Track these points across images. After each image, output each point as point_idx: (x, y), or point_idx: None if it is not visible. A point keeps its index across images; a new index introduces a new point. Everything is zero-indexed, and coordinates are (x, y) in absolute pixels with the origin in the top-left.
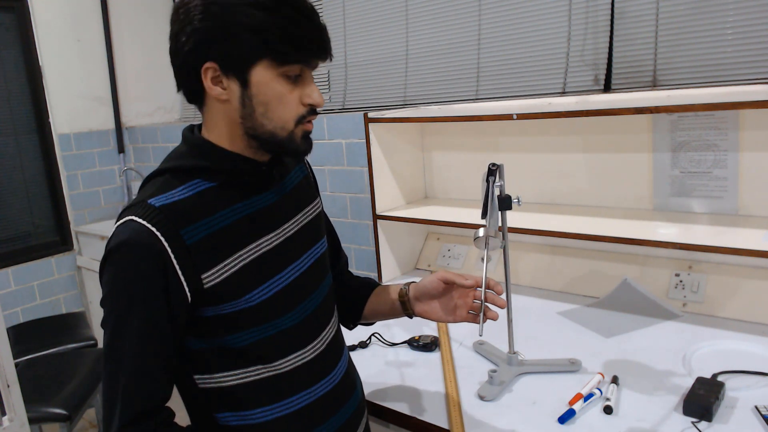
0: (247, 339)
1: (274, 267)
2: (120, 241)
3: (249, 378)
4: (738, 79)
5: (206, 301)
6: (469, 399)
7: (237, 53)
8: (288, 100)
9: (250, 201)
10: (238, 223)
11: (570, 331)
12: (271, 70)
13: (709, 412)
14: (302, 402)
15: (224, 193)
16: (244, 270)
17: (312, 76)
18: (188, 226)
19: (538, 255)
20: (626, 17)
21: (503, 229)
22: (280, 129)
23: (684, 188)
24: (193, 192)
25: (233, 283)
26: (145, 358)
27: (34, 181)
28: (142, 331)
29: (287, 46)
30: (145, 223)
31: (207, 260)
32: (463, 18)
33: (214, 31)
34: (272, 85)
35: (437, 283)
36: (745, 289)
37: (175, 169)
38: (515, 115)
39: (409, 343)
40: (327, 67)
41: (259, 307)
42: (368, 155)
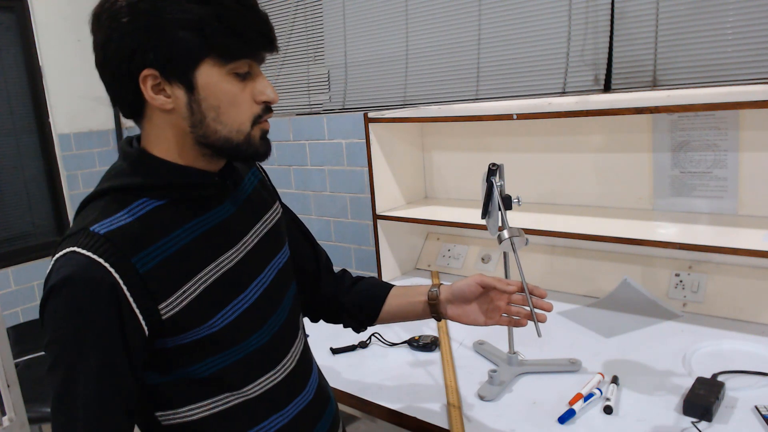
0: (212, 367)
1: (237, 286)
2: (63, 277)
3: (217, 408)
4: (738, 79)
5: (165, 332)
6: (469, 399)
7: (177, 55)
8: (241, 100)
9: (205, 217)
10: (195, 243)
11: (570, 331)
12: (218, 68)
13: (709, 412)
14: (276, 425)
15: (175, 212)
16: (205, 294)
17: (261, 71)
18: (140, 253)
19: (538, 255)
20: (626, 17)
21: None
22: (236, 133)
23: (684, 188)
24: (140, 213)
25: (194, 310)
26: (105, 403)
27: (34, 181)
28: (99, 374)
29: (231, 39)
30: (90, 254)
31: (164, 288)
32: (463, 18)
33: (147, 32)
34: (221, 86)
35: (475, 287)
36: (745, 289)
37: (118, 189)
38: (515, 115)
39: (409, 343)
40: (327, 67)
41: (223, 331)
42: (368, 155)
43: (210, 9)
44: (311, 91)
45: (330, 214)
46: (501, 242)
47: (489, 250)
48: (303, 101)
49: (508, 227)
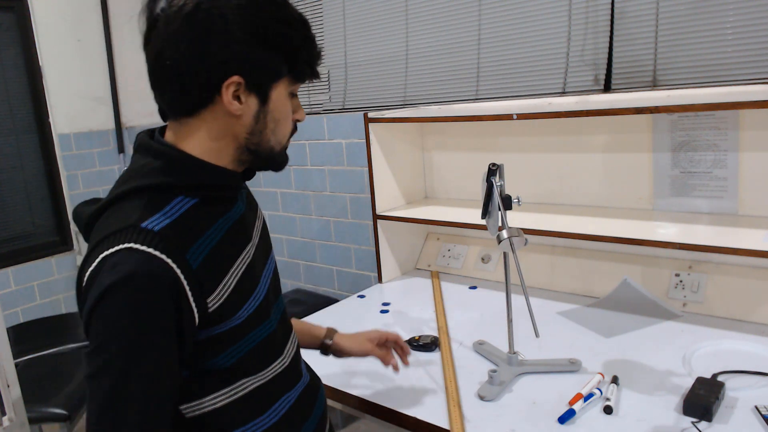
0: (234, 356)
1: (255, 277)
2: (124, 275)
3: (238, 394)
4: (738, 79)
5: (207, 324)
6: (469, 399)
7: (264, 70)
8: (289, 117)
9: (229, 214)
10: (226, 238)
11: (570, 331)
12: (287, 88)
13: (709, 412)
14: (285, 407)
15: (206, 209)
16: (238, 286)
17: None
18: (191, 248)
19: (538, 255)
20: (626, 17)
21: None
22: (278, 144)
23: (684, 188)
24: (181, 211)
25: (231, 302)
26: (161, 405)
27: (34, 181)
28: (158, 371)
29: (306, 66)
30: (150, 250)
31: (210, 282)
32: (463, 18)
33: (252, 45)
34: (285, 103)
35: (363, 353)
36: (745, 289)
37: (155, 188)
38: (515, 115)
39: (409, 343)
40: (327, 67)
41: (247, 321)
42: (368, 155)
43: (298, 36)
44: (311, 91)
45: (330, 214)
46: (500, 242)
47: (489, 250)
48: (303, 101)
49: (507, 227)
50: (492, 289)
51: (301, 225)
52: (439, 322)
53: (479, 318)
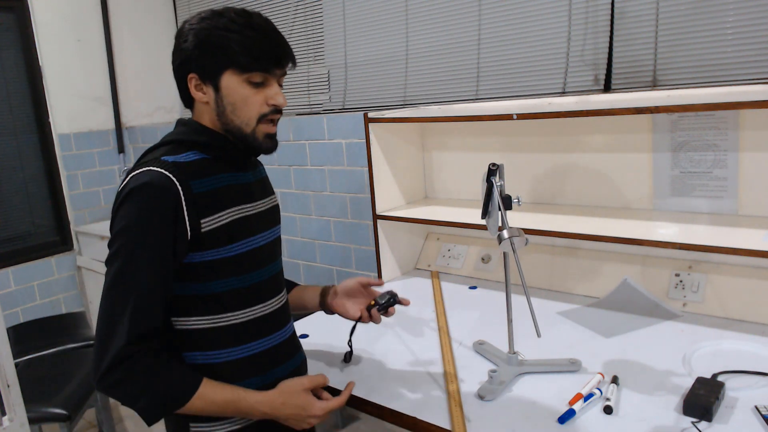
0: (224, 286)
1: (252, 228)
2: (143, 183)
3: (219, 323)
4: (738, 79)
5: (199, 244)
6: (469, 399)
7: (210, 66)
8: (252, 101)
9: (237, 174)
10: (229, 187)
11: (570, 331)
12: (237, 77)
13: (709, 412)
14: (261, 347)
15: (216, 164)
16: (233, 224)
17: (278, 81)
18: (195, 180)
19: (538, 255)
20: (626, 17)
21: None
22: (246, 125)
23: (684, 188)
24: (195, 158)
25: (223, 232)
26: (155, 284)
27: (34, 181)
28: (154, 259)
29: (246, 58)
30: (163, 171)
31: (207, 209)
32: (463, 18)
33: (196, 50)
34: (238, 90)
35: (357, 284)
36: (745, 289)
37: (177, 141)
38: (515, 115)
39: (368, 309)
40: (327, 67)
41: (238, 258)
42: (368, 155)
43: (236, 36)
44: (311, 91)
45: (330, 214)
46: (501, 242)
47: (489, 250)
48: (303, 101)
49: (508, 227)
50: (492, 289)
51: (301, 225)
52: (439, 322)
53: (479, 318)
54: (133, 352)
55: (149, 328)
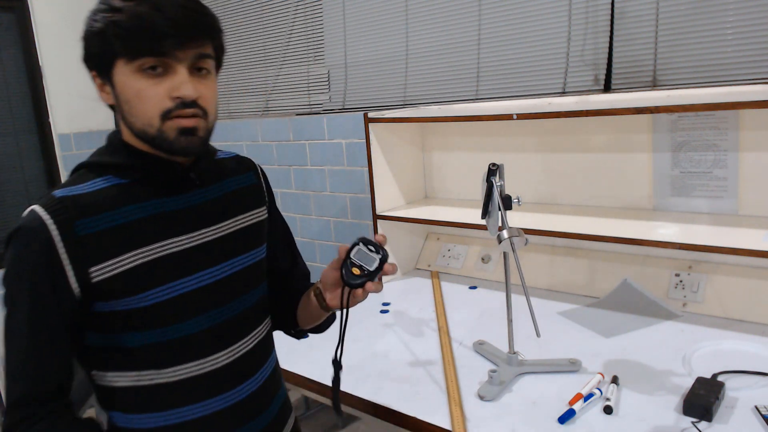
0: (141, 340)
1: (178, 270)
2: (18, 226)
3: (141, 382)
4: (738, 79)
5: (97, 295)
6: (469, 399)
7: (98, 57)
8: (148, 95)
9: (162, 200)
10: (144, 221)
11: (570, 331)
12: (128, 67)
13: (709, 412)
14: (201, 412)
15: (135, 191)
16: (141, 268)
17: (190, 66)
18: (84, 219)
19: (538, 255)
20: (626, 17)
21: (503, 229)
22: (148, 126)
23: (684, 188)
24: (100, 186)
25: (126, 281)
26: (34, 342)
27: (34, 181)
28: (31, 313)
29: (129, 41)
30: (41, 212)
31: (98, 254)
32: (463, 18)
33: (85, 40)
34: (130, 83)
35: (332, 271)
36: (745, 289)
37: (89, 165)
38: (515, 115)
39: (348, 282)
40: (327, 67)
41: (155, 308)
42: (368, 155)
43: (120, 16)
44: (311, 91)
45: (330, 214)
46: (501, 242)
47: (489, 250)
48: (303, 101)
49: (507, 227)
50: (492, 289)
51: (301, 225)
52: (439, 322)
53: (479, 318)
54: (23, 417)
55: (35, 390)
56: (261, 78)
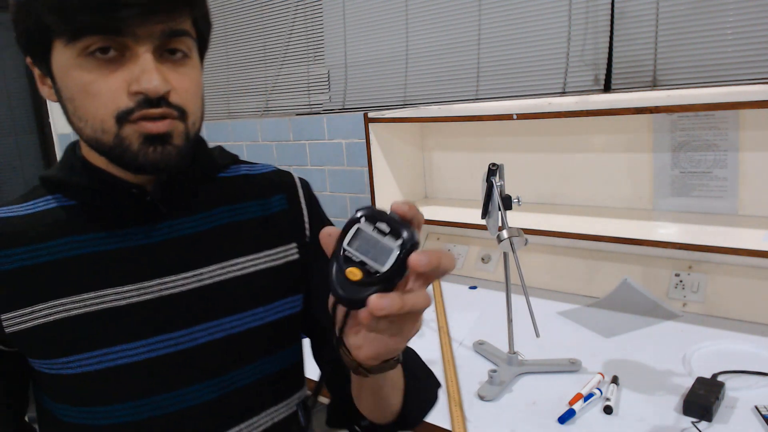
0: (73, 417)
1: (119, 331)
2: None
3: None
4: (738, 79)
5: (20, 348)
6: (469, 399)
7: (30, 38)
8: (98, 89)
9: (111, 235)
10: (77, 261)
11: (570, 331)
12: (69, 51)
13: (709, 412)
14: None
15: (78, 219)
16: (63, 325)
17: (149, 52)
18: (7, 249)
19: (538, 255)
20: (626, 17)
21: (503, 229)
22: (101, 133)
23: (684, 188)
24: (41, 208)
25: (42, 338)
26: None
27: (34, 181)
28: None
29: (70, 12)
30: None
31: (12, 298)
32: (463, 18)
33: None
34: (73, 73)
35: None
36: (745, 289)
37: (44, 179)
38: (515, 115)
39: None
40: (327, 67)
41: (85, 379)
42: (368, 155)
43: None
44: (311, 91)
45: (330, 214)
46: (500, 242)
47: (489, 250)
48: (303, 101)
49: (507, 227)
50: (492, 289)
51: None
52: (439, 322)
53: (479, 318)
54: None
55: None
56: (261, 78)
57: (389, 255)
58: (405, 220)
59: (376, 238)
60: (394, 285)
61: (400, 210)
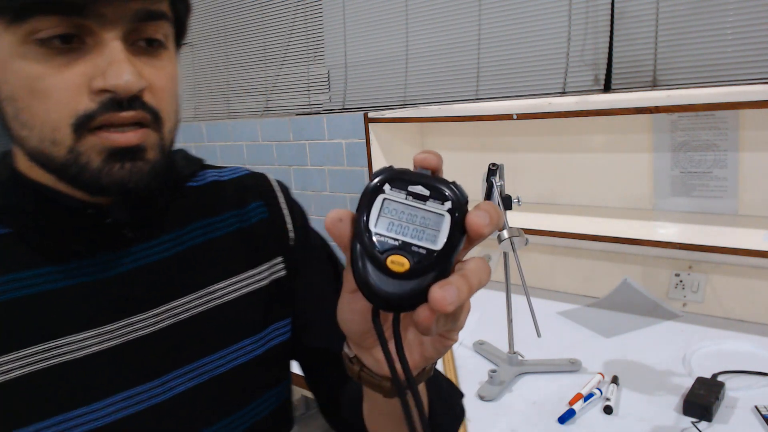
0: None
1: (84, 391)
2: None
3: None
4: (738, 79)
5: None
6: (469, 399)
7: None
8: (49, 87)
9: (60, 269)
10: (20, 304)
11: (570, 331)
12: (10, 34)
13: (709, 412)
14: None
15: (20, 250)
16: (10, 388)
17: (118, 40)
18: None
19: (538, 255)
20: (626, 17)
21: (503, 229)
22: (51, 144)
23: (684, 188)
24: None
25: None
26: None
27: None
28: None
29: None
30: None
31: None
32: (463, 18)
33: None
34: (15, 64)
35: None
36: (745, 289)
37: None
38: (515, 115)
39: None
40: (327, 67)
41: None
42: (368, 155)
43: None
44: (311, 91)
45: None
46: (501, 242)
47: (489, 250)
48: (303, 101)
49: (508, 227)
50: (492, 289)
51: None
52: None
53: (479, 318)
54: None
55: None
56: (261, 78)
57: (440, 225)
58: (436, 173)
59: (414, 206)
60: (452, 264)
61: (429, 162)
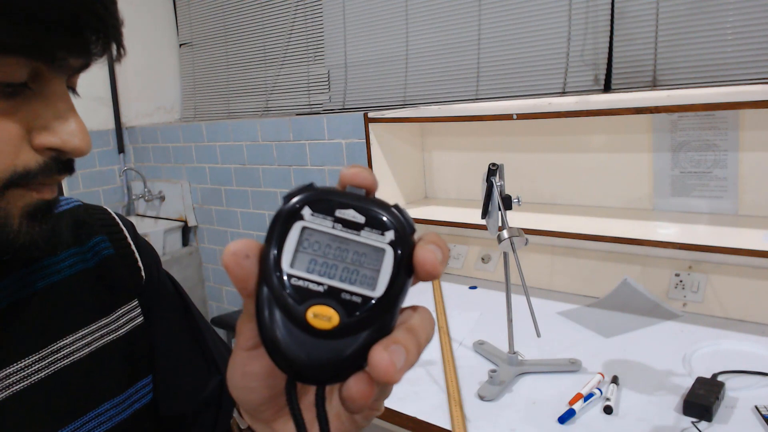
0: None
1: None
2: None
3: None
4: (738, 79)
5: None
6: (469, 399)
7: None
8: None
9: None
10: None
11: (570, 331)
12: None
13: (709, 412)
14: None
15: None
16: None
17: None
18: None
19: (538, 255)
20: (626, 17)
21: (503, 229)
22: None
23: (684, 188)
24: None
25: None
26: None
27: None
28: None
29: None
30: None
31: None
32: (463, 18)
33: None
34: None
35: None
36: (745, 289)
37: None
38: (515, 115)
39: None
40: (327, 67)
41: None
42: (368, 155)
43: None
44: (311, 91)
45: None
46: (501, 242)
47: (489, 250)
48: (303, 101)
49: (508, 227)
50: (492, 289)
51: None
52: (439, 322)
53: (479, 318)
54: None
55: None
56: (261, 78)
57: (379, 264)
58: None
59: (344, 237)
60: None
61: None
